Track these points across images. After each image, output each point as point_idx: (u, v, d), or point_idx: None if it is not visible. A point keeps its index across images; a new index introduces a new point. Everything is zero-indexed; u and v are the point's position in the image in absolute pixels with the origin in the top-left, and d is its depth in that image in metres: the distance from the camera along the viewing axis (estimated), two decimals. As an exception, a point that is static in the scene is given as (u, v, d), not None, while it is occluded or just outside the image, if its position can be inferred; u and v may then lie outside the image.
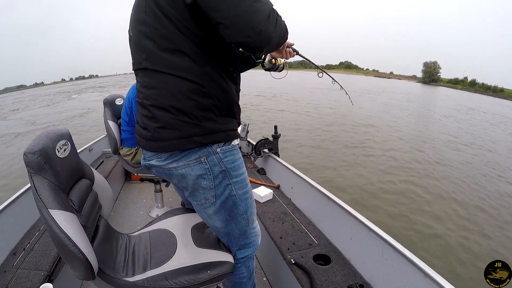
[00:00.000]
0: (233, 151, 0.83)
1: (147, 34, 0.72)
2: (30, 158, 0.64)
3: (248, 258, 0.99)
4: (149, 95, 0.76)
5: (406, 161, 5.74)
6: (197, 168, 0.79)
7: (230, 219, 0.88)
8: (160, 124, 0.76)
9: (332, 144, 6.70)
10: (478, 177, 5.21)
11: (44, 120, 11.19)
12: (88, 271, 0.68)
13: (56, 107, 15.76)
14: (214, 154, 0.79)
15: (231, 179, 0.83)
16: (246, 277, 1.01)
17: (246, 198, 0.88)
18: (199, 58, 0.72)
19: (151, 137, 0.79)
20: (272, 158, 2.15)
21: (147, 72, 0.76)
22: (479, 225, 3.48)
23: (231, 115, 0.82)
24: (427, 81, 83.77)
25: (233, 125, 0.83)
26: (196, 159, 0.78)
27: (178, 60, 0.71)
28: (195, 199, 0.85)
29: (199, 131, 0.75)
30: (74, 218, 0.69)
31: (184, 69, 0.72)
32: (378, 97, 19.87)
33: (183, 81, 0.72)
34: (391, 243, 1.04)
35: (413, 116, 12.68)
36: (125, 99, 1.79)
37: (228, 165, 0.82)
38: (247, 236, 0.94)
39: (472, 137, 8.87)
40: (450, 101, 24.18)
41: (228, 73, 0.80)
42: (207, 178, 0.80)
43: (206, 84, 0.74)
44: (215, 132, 0.78)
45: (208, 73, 0.74)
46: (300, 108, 12.21)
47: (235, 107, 0.83)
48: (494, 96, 53.60)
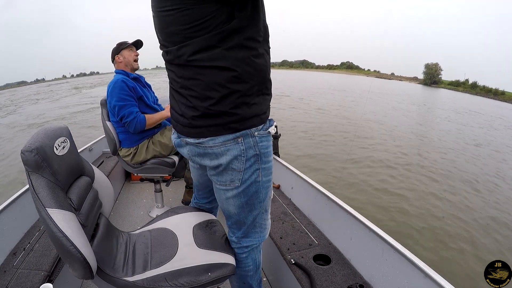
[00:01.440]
0: (268, 137, 0.85)
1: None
2: (28, 156, 0.64)
3: (254, 248, 0.99)
4: (187, 85, 0.78)
5: (408, 162, 5.73)
6: (234, 148, 0.80)
7: (247, 205, 0.89)
8: (198, 113, 0.78)
9: (332, 144, 6.69)
10: (480, 176, 5.20)
11: (51, 114, 11.37)
12: (86, 271, 0.68)
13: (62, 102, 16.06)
14: (252, 137, 0.81)
15: (261, 164, 0.85)
16: (252, 270, 1.01)
17: (267, 186, 0.90)
18: (228, 43, 0.71)
19: (188, 124, 0.82)
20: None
21: (181, 66, 0.77)
22: (479, 225, 3.47)
23: (265, 92, 0.83)
24: (428, 83, 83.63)
25: (267, 104, 0.85)
26: (234, 139, 0.79)
27: (208, 54, 0.72)
28: (220, 180, 0.86)
29: (235, 118, 0.77)
30: (72, 217, 0.69)
31: (217, 58, 0.72)
32: (379, 99, 19.90)
33: (217, 71, 0.73)
34: (391, 243, 1.04)
35: (415, 119, 12.66)
36: (107, 100, 1.74)
37: (262, 150, 0.83)
38: (257, 225, 0.95)
39: (474, 139, 8.86)
40: (451, 103, 24.17)
41: (259, 47, 0.78)
42: (240, 159, 0.81)
43: (240, 70, 0.74)
44: (250, 117, 0.79)
45: (241, 58, 0.73)
46: (301, 108, 12.20)
47: (268, 83, 0.83)
48: (495, 99, 53.45)
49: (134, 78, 1.80)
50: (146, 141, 1.81)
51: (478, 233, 3.29)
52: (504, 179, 5.33)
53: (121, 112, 1.66)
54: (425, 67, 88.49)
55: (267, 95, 0.85)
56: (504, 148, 8.19)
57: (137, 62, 1.84)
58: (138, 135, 1.77)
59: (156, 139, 1.82)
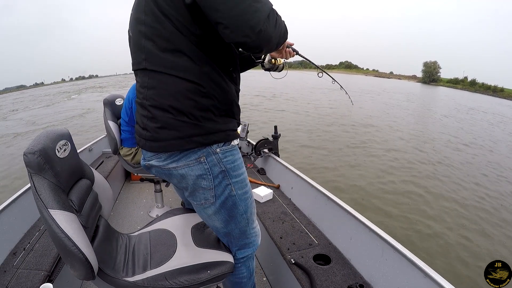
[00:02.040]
0: (233, 151, 0.83)
1: (146, 34, 0.72)
2: (30, 158, 0.64)
3: (248, 258, 0.99)
4: (149, 96, 0.76)
5: (406, 160, 5.74)
6: (197, 168, 0.79)
7: (230, 219, 0.88)
8: (160, 124, 0.75)
9: (332, 144, 6.70)
10: (478, 177, 5.21)
11: (45, 120, 11.14)
12: (88, 271, 0.68)
13: (56, 107, 15.70)
14: (214, 154, 0.79)
15: (231, 179, 0.83)
16: (246, 277, 1.01)
17: (246, 198, 0.88)
18: (198, 58, 0.72)
19: (150, 137, 0.78)
20: (272, 158, 2.15)
21: (146, 73, 0.76)
22: (480, 225, 3.48)
23: (230, 115, 0.82)
24: (427, 81, 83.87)
25: (233, 125, 0.83)
26: (196, 159, 0.78)
27: (177, 60, 0.71)
28: (194, 199, 0.85)
29: (198, 131, 0.75)
30: (74, 218, 0.69)
31: (183, 69, 0.72)
32: (378, 97, 19.83)
33: (182, 81, 0.72)
34: (391, 243, 1.04)
35: (413, 116, 12.67)
36: (125, 99, 1.80)
37: (228, 165, 0.82)
38: (247, 236, 0.94)
39: (472, 137, 8.87)
40: (450, 101, 24.15)
41: (227, 73, 0.79)
42: (207, 178, 0.80)
43: (205, 84, 0.73)
44: (215, 132, 0.77)
45: (207, 73, 0.73)
46: (300, 108, 12.20)
47: (234, 107, 0.83)
48: (494, 96, 53.68)
49: None
50: (147, 141, 1.81)
51: (483, 232, 3.30)
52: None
53: None
54: (424, 65, 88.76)
55: (234, 119, 0.84)
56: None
57: None
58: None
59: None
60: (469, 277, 2.50)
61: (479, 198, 4.26)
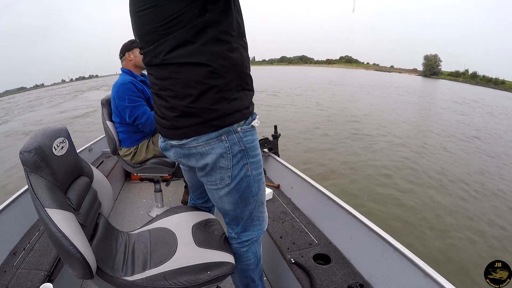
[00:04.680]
0: (252, 131, 0.85)
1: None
2: (26, 156, 0.64)
3: (254, 241, 0.99)
4: (164, 86, 0.78)
5: (408, 158, 5.72)
6: (218, 146, 0.80)
7: (241, 201, 0.89)
8: (178, 113, 0.78)
9: (332, 144, 6.68)
10: (478, 175, 5.19)
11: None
12: (86, 271, 0.68)
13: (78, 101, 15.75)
14: (235, 133, 0.81)
15: (249, 159, 0.84)
16: (254, 263, 1.01)
17: (259, 179, 0.90)
18: (203, 37, 0.71)
19: (170, 126, 0.81)
20: (272, 158, 2.14)
21: (158, 66, 0.77)
22: (480, 225, 3.46)
23: (245, 87, 0.83)
24: (428, 74, 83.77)
25: (248, 101, 0.84)
26: (217, 137, 0.79)
27: (183, 50, 0.72)
28: (210, 180, 0.86)
29: (215, 115, 0.77)
30: (71, 217, 0.69)
31: (192, 54, 0.72)
32: (379, 92, 19.54)
33: (193, 67, 0.73)
34: (391, 242, 1.04)
35: (415, 110, 12.50)
36: (111, 101, 1.75)
37: (247, 144, 0.83)
38: (255, 219, 0.95)
39: (475, 129, 8.74)
40: (452, 94, 23.63)
41: (234, 40, 0.77)
42: (226, 157, 0.81)
43: (215, 64, 0.73)
44: (231, 113, 0.79)
45: (215, 52, 0.73)
46: (300, 108, 12.18)
47: (247, 78, 0.83)
48: (495, 88, 53.35)
49: (140, 80, 1.79)
50: (146, 141, 1.81)
51: (483, 232, 3.29)
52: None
53: (135, 113, 1.65)
54: (425, 59, 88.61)
55: (248, 91, 0.84)
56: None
57: None
58: (138, 134, 1.77)
59: (156, 139, 1.82)
60: (469, 277, 2.49)
61: (482, 195, 4.23)
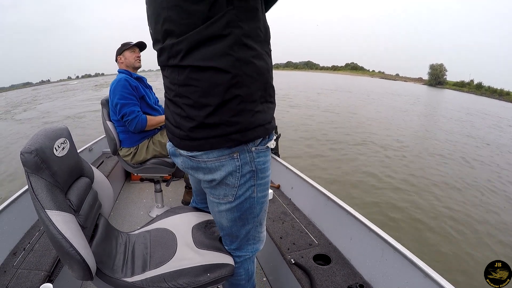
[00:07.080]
0: (266, 152, 0.80)
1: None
2: (27, 157, 0.63)
3: (246, 259, 0.97)
4: (181, 93, 0.72)
5: (410, 161, 5.73)
6: (229, 164, 0.75)
7: (240, 220, 0.85)
8: (195, 123, 0.71)
9: (333, 144, 6.68)
10: (480, 180, 5.18)
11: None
12: (86, 272, 0.68)
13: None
14: (248, 152, 0.75)
15: (257, 180, 0.79)
16: (245, 279, 0.99)
17: (263, 201, 0.85)
18: (226, 37, 0.65)
19: (185, 136, 0.75)
20: (272, 158, 2.14)
21: (175, 68, 0.71)
22: (480, 225, 3.46)
23: (268, 99, 0.76)
24: (434, 83, 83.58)
25: (271, 115, 0.78)
26: (229, 154, 0.74)
27: (204, 51, 0.66)
28: (213, 193, 0.82)
29: (236, 128, 0.70)
30: (71, 219, 0.69)
31: (214, 57, 0.65)
32: (386, 100, 19.44)
33: (213, 73, 0.66)
34: (391, 243, 1.04)
35: (421, 119, 12.44)
36: (109, 101, 1.75)
37: (259, 166, 0.78)
38: (250, 238, 0.92)
39: (480, 141, 8.74)
40: (458, 105, 23.54)
41: (259, 47, 0.71)
42: (235, 175, 0.76)
43: (238, 71, 0.67)
44: (254, 127, 0.72)
45: (240, 57, 0.66)
46: (300, 107, 12.18)
47: (270, 89, 0.77)
48: (500, 100, 53.07)
49: (137, 78, 1.80)
50: (146, 141, 1.81)
51: (483, 231, 3.29)
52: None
53: (123, 110, 1.66)
54: (430, 68, 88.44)
55: (271, 103, 0.78)
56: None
57: (139, 62, 1.84)
58: (138, 135, 1.77)
59: (156, 139, 1.82)
60: (469, 277, 2.49)
61: (480, 196, 4.23)
